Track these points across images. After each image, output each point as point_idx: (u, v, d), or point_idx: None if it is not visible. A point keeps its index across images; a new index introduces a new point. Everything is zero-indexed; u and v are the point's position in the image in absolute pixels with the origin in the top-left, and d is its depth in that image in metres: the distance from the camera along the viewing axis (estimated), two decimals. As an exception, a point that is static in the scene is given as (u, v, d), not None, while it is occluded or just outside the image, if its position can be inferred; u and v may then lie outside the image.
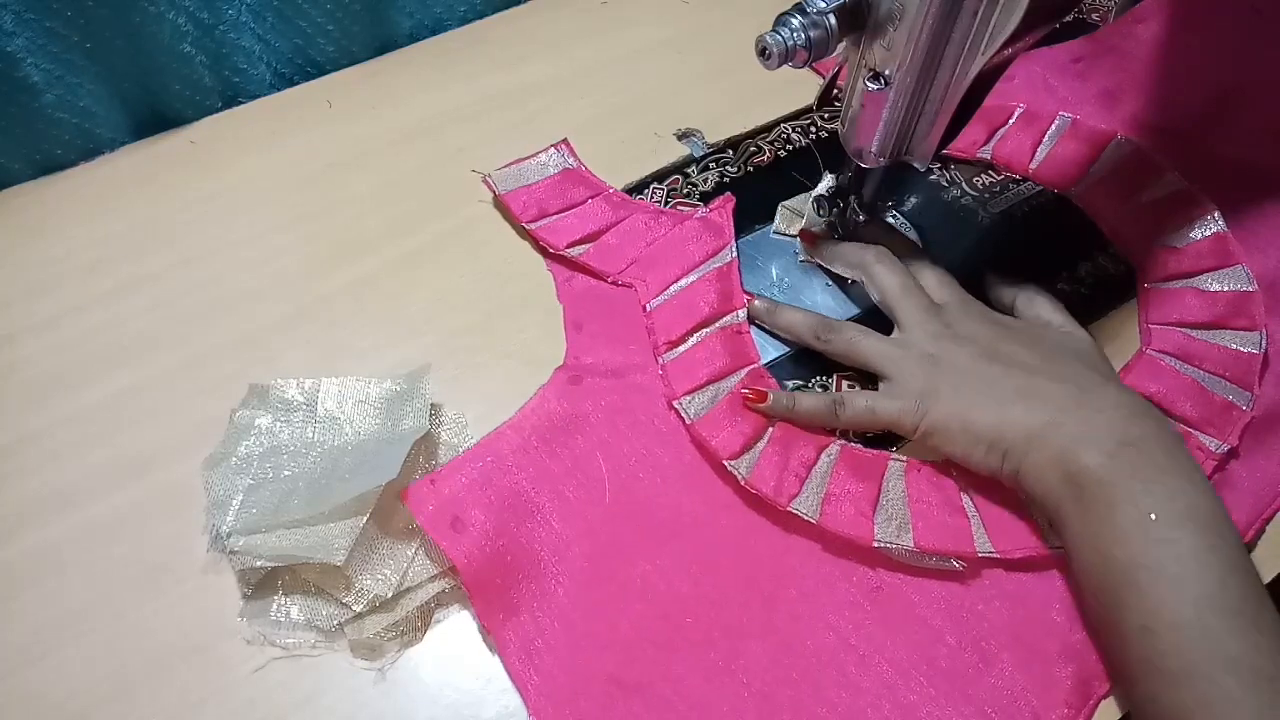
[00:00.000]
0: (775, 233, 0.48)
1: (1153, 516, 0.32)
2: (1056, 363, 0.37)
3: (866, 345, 0.40)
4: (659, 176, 0.51)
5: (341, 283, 0.46)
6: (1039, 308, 0.42)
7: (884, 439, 0.40)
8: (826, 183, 0.48)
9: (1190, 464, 0.34)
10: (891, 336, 0.41)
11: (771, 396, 0.39)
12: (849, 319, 0.44)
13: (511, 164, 0.50)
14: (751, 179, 0.51)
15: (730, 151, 0.52)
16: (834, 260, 0.45)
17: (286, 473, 0.37)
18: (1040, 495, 0.35)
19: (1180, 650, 0.30)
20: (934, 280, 0.42)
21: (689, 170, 0.51)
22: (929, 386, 0.38)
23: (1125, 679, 0.33)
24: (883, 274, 0.42)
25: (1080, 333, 0.41)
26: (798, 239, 0.48)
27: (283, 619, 0.35)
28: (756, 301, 0.44)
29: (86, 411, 0.41)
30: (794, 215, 0.49)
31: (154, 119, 0.53)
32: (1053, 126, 0.51)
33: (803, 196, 0.49)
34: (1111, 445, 0.33)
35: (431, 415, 0.41)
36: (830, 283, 0.46)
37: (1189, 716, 0.29)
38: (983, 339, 0.39)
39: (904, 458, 0.39)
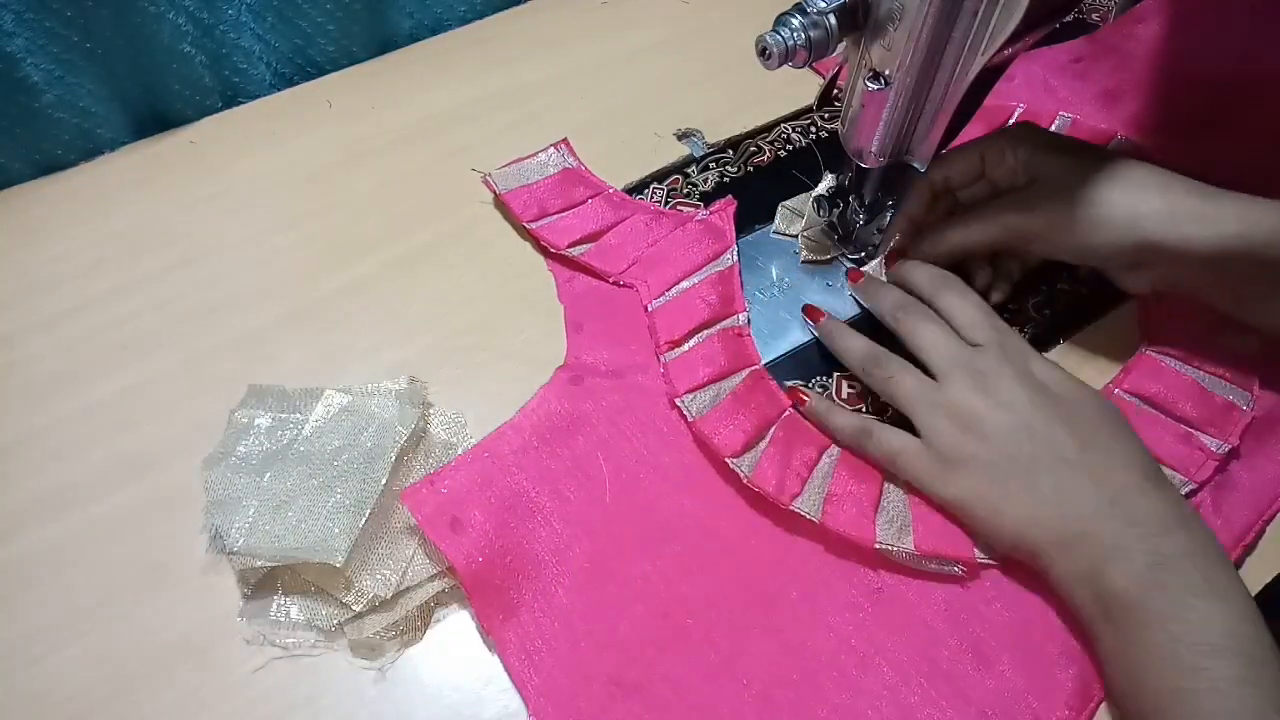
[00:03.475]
0: (775, 233, 0.48)
1: (1182, 643, 0.30)
2: (1092, 451, 0.35)
3: (903, 387, 0.38)
4: (659, 176, 0.51)
5: (341, 283, 0.46)
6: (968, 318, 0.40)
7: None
8: (826, 183, 0.48)
9: (1228, 581, 0.32)
10: (929, 381, 0.38)
11: (813, 399, 0.40)
12: (849, 320, 0.44)
13: (512, 163, 0.50)
14: (751, 179, 0.51)
15: (730, 151, 0.52)
16: (872, 304, 0.43)
17: (286, 474, 0.37)
18: (1072, 603, 0.34)
19: None
20: (969, 319, 0.39)
21: (689, 170, 0.51)
22: (958, 453, 0.36)
23: None
24: (910, 324, 0.40)
25: (1089, 391, 0.38)
26: (798, 238, 0.48)
27: (283, 619, 0.35)
28: (825, 321, 0.43)
29: (86, 411, 0.41)
30: (794, 215, 0.49)
31: (154, 119, 0.53)
32: (1053, 126, 0.51)
33: (803, 196, 0.49)
34: (1142, 564, 0.31)
35: (431, 416, 0.41)
36: (831, 283, 0.46)
37: None
38: (1019, 407, 0.36)
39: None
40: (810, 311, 0.44)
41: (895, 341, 0.41)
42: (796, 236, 0.48)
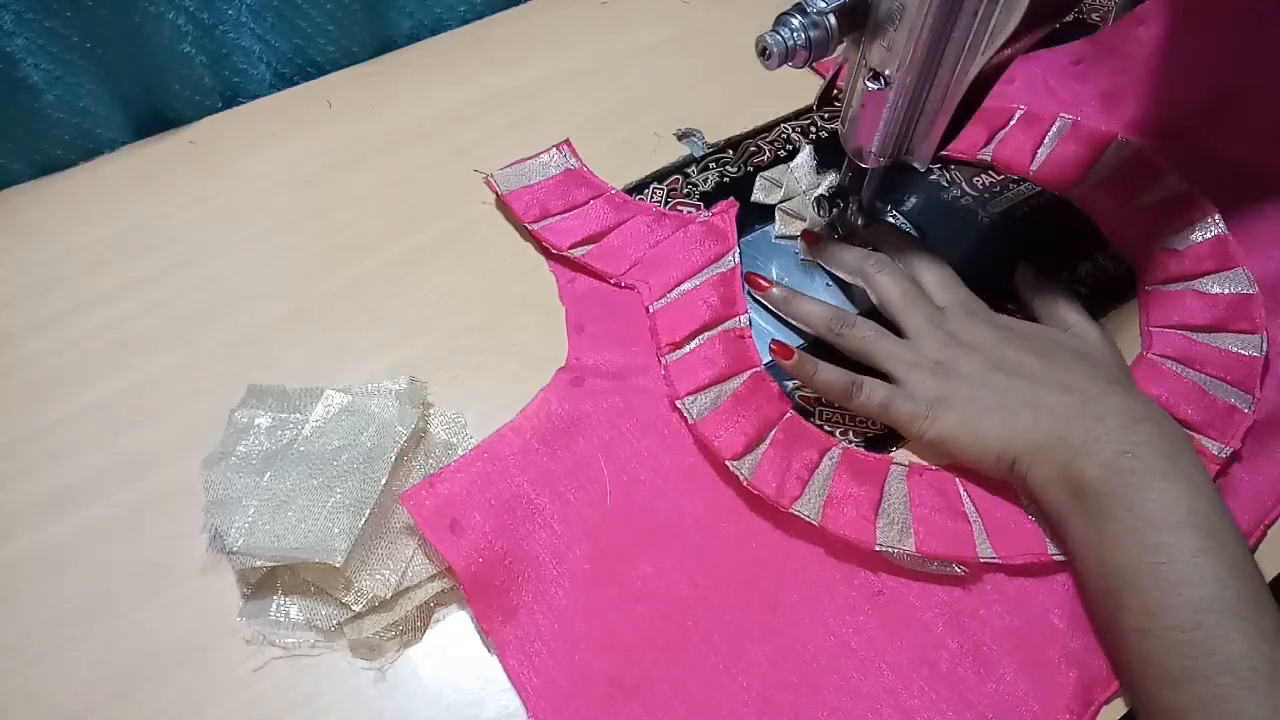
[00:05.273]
0: (754, 200, 0.49)
1: (1147, 522, 0.32)
2: (1060, 368, 0.38)
3: (880, 347, 0.41)
4: (659, 176, 0.51)
5: (341, 283, 0.46)
6: (1058, 309, 0.42)
7: (884, 439, 0.40)
8: (823, 183, 0.48)
9: (1191, 467, 0.34)
10: (903, 340, 0.41)
11: (797, 355, 0.40)
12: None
13: (514, 164, 0.50)
14: (752, 179, 0.51)
15: (730, 151, 0.52)
16: (834, 264, 0.46)
17: (286, 474, 0.37)
18: (1046, 504, 0.36)
19: (1179, 651, 0.30)
20: (935, 281, 0.42)
21: (689, 170, 0.51)
22: (939, 395, 0.38)
23: (1126, 681, 0.33)
24: (884, 282, 0.42)
25: (1091, 331, 0.41)
26: (797, 240, 0.48)
27: (282, 619, 0.35)
28: (775, 289, 0.44)
29: (86, 411, 0.41)
30: (772, 185, 0.49)
31: (154, 119, 0.53)
32: (1053, 128, 0.51)
33: (782, 168, 0.50)
34: (1110, 454, 0.34)
35: (431, 416, 0.41)
36: (830, 282, 0.46)
37: (1188, 717, 0.29)
38: (987, 345, 0.39)
39: (906, 462, 0.39)
40: (754, 280, 0.45)
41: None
42: (774, 207, 0.48)
